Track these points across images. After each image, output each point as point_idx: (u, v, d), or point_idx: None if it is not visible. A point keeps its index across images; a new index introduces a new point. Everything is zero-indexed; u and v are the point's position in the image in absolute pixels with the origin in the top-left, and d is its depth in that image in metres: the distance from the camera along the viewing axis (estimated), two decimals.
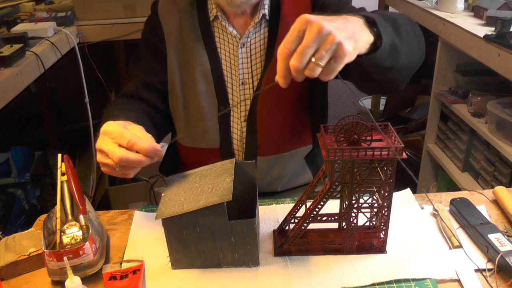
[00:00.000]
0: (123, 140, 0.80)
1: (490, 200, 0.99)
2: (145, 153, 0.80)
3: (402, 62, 0.89)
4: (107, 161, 0.82)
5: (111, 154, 0.80)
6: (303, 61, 0.68)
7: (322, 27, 0.67)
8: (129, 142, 0.80)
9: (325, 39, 0.68)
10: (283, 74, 0.72)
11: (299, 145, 1.18)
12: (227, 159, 1.16)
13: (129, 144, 0.80)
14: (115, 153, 0.79)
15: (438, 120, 2.22)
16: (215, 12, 1.10)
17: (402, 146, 0.74)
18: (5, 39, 1.64)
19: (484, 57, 1.57)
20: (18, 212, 2.03)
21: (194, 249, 0.82)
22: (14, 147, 2.24)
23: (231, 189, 0.78)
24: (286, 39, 0.71)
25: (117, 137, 0.81)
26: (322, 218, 0.82)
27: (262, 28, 1.11)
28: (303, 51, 0.68)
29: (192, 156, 1.21)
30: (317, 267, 0.82)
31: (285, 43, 0.71)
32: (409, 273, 0.80)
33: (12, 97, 1.45)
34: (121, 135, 0.81)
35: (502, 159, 1.70)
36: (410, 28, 0.91)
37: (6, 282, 0.83)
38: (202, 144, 1.16)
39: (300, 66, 0.69)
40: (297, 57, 0.68)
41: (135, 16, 2.11)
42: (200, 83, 1.11)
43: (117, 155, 0.79)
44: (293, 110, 1.14)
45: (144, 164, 0.82)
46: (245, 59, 1.11)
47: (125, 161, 0.79)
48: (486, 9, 1.77)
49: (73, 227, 0.85)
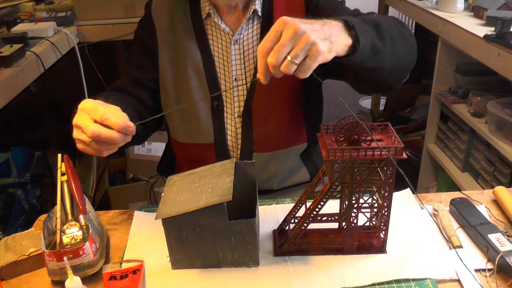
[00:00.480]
0: (97, 114, 0.82)
1: (490, 200, 0.99)
2: (118, 128, 0.82)
3: (388, 63, 0.93)
4: (82, 136, 0.84)
5: (85, 129, 0.82)
6: (279, 58, 0.74)
7: (298, 28, 0.73)
8: (102, 117, 0.82)
9: (299, 39, 0.73)
10: (263, 71, 0.77)
11: (295, 143, 1.19)
12: (221, 154, 1.17)
13: (102, 118, 0.82)
14: (89, 127, 0.81)
15: (438, 120, 2.22)
16: (207, 9, 1.11)
17: (402, 146, 0.74)
18: (5, 39, 1.64)
19: (484, 57, 1.57)
20: (18, 212, 2.03)
21: (194, 249, 0.82)
22: (14, 147, 2.24)
23: (231, 189, 0.78)
24: (265, 38, 0.76)
25: (92, 112, 0.83)
26: (322, 218, 0.82)
27: (255, 24, 1.12)
28: (279, 49, 0.73)
29: (187, 152, 1.22)
30: (317, 267, 0.82)
31: (264, 42, 0.76)
32: (409, 273, 0.80)
33: (12, 97, 1.45)
34: (96, 110, 0.83)
35: (502, 159, 1.70)
36: (396, 30, 0.94)
37: (6, 282, 0.83)
38: (197, 139, 1.17)
39: (276, 63, 0.74)
40: (273, 55, 0.74)
41: (135, 16, 2.11)
42: (193, 79, 1.12)
43: (90, 129, 0.81)
44: (288, 107, 1.15)
45: (117, 141, 0.84)
46: (237, 55, 1.12)
47: (98, 135, 0.81)
48: (486, 9, 1.77)
49: (73, 227, 0.85)
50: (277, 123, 1.15)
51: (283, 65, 0.74)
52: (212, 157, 1.17)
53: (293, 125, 1.18)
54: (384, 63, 0.92)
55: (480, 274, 0.79)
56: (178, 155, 1.27)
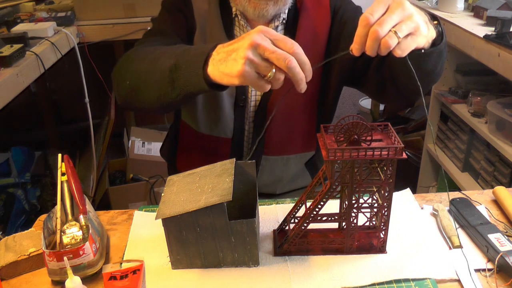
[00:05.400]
0: (290, 46, 0.71)
1: (490, 200, 0.99)
2: (308, 70, 0.73)
3: (439, 69, 0.93)
4: (262, 62, 0.72)
5: (280, 55, 0.70)
6: (384, 29, 0.70)
7: (405, 5, 0.72)
8: (297, 49, 0.72)
9: (407, 15, 0.72)
10: (360, 41, 0.73)
11: (304, 150, 1.19)
12: (236, 151, 1.16)
13: (296, 51, 0.72)
14: (288, 44, 0.71)
15: (438, 120, 2.22)
16: (234, 10, 1.11)
17: (402, 146, 0.74)
18: (5, 39, 1.64)
19: (484, 57, 1.57)
20: (18, 212, 2.03)
21: (194, 249, 0.82)
22: (14, 147, 2.25)
23: (231, 189, 0.78)
24: (371, 8, 0.72)
25: (283, 40, 0.72)
26: (322, 218, 0.82)
27: (279, 31, 1.12)
28: (387, 19, 0.70)
29: (203, 144, 1.20)
30: (317, 267, 0.82)
31: (370, 11, 0.72)
32: (409, 273, 0.80)
33: (12, 97, 1.45)
34: (286, 40, 0.72)
35: (502, 159, 1.70)
36: None
37: (6, 282, 0.83)
38: (216, 132, 1.16)
39: (381, 33, 0.70)
40: (380, 23, 0.70)
41: (135, 16, 2.11)
42: None
43: (291, 55, 0.70)
44: (303, 113, 1.15)
45: (302, 82, 0.73)
46: None
47: (294, 66, 0.70)
48: (486, 9, 1.77)
49: (73, 227, 0.85)
50: (290, 128, 1.15)
51: (387, 36, 0.70)
52: (227, 152, 1.16)
53: (305, 132, 1.18)
54: (438, 66, 0.91)
55: (480, 274, 0.79)
56: (191, 143, 1.24)
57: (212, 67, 0.77)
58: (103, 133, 2.40)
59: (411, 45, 0.74)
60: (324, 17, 1.12)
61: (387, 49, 0.71)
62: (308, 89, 0.77)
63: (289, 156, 1.17)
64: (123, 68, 0.98)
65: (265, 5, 1.04)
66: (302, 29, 1.11)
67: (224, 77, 0.75)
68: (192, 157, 1.23)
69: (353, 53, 0.75)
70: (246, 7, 1.06)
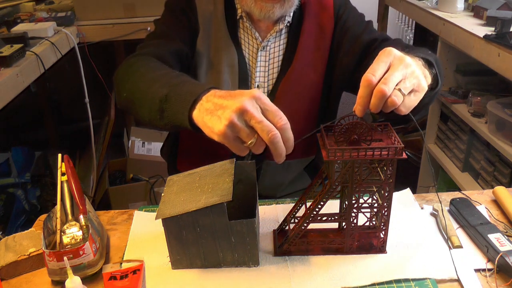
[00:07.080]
0: (279, 119, 0.70)
1: (490, 200, 0.99)
2: (289, 147, 0.72)
3: (430, 102, 0.92)
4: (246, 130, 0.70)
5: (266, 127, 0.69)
6: (390, 87, 0.69)
7: (406, 61, 0.71)
8: (285, 125, 0.71)
9: (409, 72, 0.71)
10: (363, 102, 0.71)
11: (305, 155, 1.20)
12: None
13: (284, 127, 0.71)
14: (270, 125, 0.69)
15: (438, 120, 2.22)
16: (240, 12, 1.12)
17: (402, 146, 0.74)
18: (5, 39, 1.64)
19: (484, 57, 1.57)
20: (18, 212, 2.03)
21: (194, 249, 0.82)
22: (14, 147, 2.25)
23: (231, 189, 0.78)
24: (372, 68, 0.71)
25: (273, 111, 0.71)
26: (322, 218, 0.82)
27: (283, 33, 1.13)
28: (391, 77, 0.69)
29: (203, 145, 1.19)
30: (317, 267, 0.82)
31: (372, 71, 0.70)
32: (409, 273, 0.80)
33: (12, 97, 1.45)
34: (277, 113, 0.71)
35: (502, 159, 1.70)
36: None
37: (6, 282, 0.83)
38: None
39: (387, 91, 0.69)
40: (385, 82, 0.69)
41: (135, 16, 2.11)
42: (226, 73, 1.11)
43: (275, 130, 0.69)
44: (305, 119, 1.15)
45: (281, 156, 0.72)
46: (263, 62, 1.13)
47: (277, 141, 0.69)
48: (486, 9, 1.77)
49: (73, 227, 0.85)
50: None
51: (393, 94, 0.69)
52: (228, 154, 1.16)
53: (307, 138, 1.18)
54: (431, 102, 0.91)
55: (480, 274, 0.79)
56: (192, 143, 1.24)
57: (198, 113, 0.76)
58: (103, 133, 2.41)
59: (414, 102, 0.74)
60: (328, 22, 1.13)
61: (393, 107, 0.71)
62: (312, 94, 0.76)
63: (290, 161, 1.17)
64: (123, 79, 0.98)
65: (271, 7, 1.04)
66: (306, 34, 1.12)
67: (205, 128, 0.74)
68: (193, 158, 1.23)
69: (355, 114, 0.73)
70: (252, 8, 1.06)
